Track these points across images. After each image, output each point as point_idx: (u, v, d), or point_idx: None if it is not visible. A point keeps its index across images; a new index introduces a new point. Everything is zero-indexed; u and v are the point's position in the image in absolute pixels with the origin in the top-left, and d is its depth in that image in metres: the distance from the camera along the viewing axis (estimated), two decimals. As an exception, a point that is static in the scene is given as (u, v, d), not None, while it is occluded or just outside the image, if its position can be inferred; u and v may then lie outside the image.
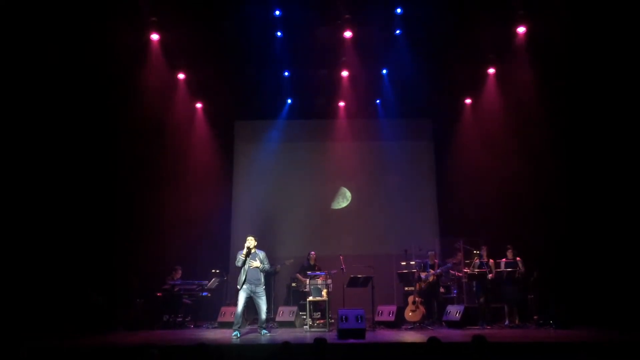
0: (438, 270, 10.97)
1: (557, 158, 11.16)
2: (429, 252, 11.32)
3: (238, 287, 9.19)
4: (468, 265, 11.09)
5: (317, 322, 10.67)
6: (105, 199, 11.25)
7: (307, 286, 10.90)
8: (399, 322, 10.40)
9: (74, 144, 10.74)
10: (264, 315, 9.26)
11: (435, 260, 11.21)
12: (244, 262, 9.19)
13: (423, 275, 11.01)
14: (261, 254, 9.38)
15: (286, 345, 6.08)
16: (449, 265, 11.27)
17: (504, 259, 10.76)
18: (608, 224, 10.37)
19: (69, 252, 10.47)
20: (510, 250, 10.80)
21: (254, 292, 9.18)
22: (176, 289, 11.09)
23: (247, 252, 9.22)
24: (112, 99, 10.89)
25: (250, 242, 9.32)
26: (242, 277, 9.16)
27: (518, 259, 10.65)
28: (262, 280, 9.31)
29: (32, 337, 8.32)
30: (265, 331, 9.22)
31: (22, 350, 6.01)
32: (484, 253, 11.03)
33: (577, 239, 10.77)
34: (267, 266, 9.39)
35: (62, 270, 10.24)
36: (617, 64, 9.88)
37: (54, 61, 9.66)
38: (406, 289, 11.37)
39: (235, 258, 9.41)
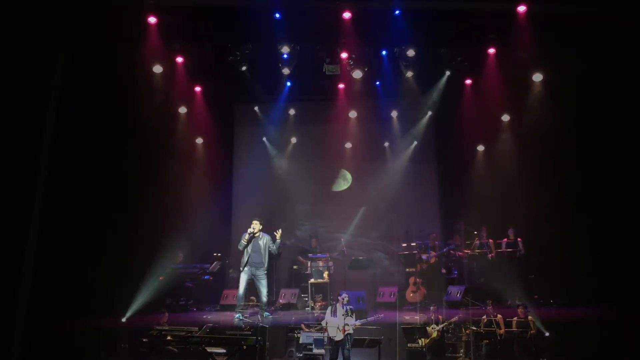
0: (444, 250, 11.01)
1: (558, 140, 11.09)
2: (430, 235, 11.34)
3: (241, 268, 9.21)
4: (468, 246, 11.13)
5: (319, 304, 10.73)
6: (105, 183, 11.19)
7: (309, 268, 10.96)
8: (400, 303, 10.47)
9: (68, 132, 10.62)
10: (264, 298, 9.31)
11: (436, 243, 11.24)
12: (245, 247, 9.20)
13: (424, 256, 11.06)
14: (266, 237, 9.35)
15: None
16: (451, 246, 11.30)
17: (505, 239, 10.77)
18: (609, 203, 10.33)
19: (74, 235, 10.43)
20: (511, 231, 10.81)
21: (255, 275, 9.20)
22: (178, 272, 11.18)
23: (248, 238, 9.20)
24: (111, 84, 10.76)
25: (256, 226, 9.30)
26: (245, 260, 9.19)
27: (519, 239, 10.67)
28: (265, 264, 9.28)
29: None
30: (267, 313, 9.29)
31: None
32: (484, 234, 11.06)
33: (578, 219, 10.74)
34: (274, 247, 9.32)
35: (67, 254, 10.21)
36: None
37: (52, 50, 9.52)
38: (407, 270, 11.42)
39: (238, 240, 9.42)
